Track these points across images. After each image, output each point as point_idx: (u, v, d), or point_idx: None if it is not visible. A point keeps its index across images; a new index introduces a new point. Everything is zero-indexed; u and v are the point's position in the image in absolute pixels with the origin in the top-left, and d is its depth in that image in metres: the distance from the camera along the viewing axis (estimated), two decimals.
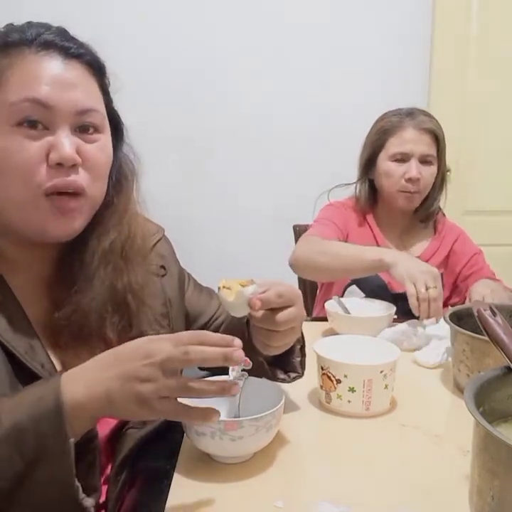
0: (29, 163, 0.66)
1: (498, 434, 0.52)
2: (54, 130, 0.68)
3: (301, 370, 0.94)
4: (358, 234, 1.60)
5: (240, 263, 2.36)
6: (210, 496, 0.72)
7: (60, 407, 0.58)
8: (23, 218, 0.70)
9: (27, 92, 0.66)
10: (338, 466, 0.81)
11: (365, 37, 2.36)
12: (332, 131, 2.39)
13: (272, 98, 2.39)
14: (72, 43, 0.71)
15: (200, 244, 2.45)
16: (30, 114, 0.66)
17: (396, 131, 1.52)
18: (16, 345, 0.66)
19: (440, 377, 1.12)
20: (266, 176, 2.45)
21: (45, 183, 0.67)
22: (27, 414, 0.58)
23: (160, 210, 0.90)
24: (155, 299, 0.85)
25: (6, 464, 0.57)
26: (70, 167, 0.68)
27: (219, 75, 2.37)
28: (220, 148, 2.43)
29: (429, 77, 2.37)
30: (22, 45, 0.68)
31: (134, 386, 0.60)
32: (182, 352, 0.61)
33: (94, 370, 0.62)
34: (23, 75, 0.66)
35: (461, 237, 1.65)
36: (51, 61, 0.68)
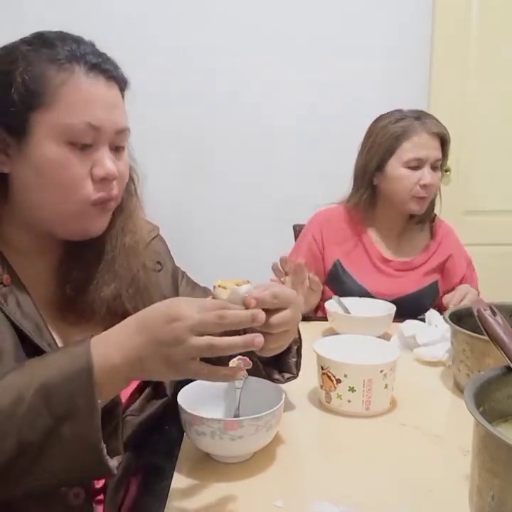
0: (75, 178, 0.71)
1: (498, 434, 0.52)
2: (97, 147, 0.73)
3: (296, 371, 0.94)
4: (343, 240, 1.60)
5: (240, 263, 2.36)
6: (210, 496, 0.72)
7: (90, 367, 0.61)
8: (68, 225, 0.75)
9: (83, 116, 0.70)
10: (338, 466, 0.81)
11: (365, 37, 2.36)
12: (332, 131, 2.39)
13: (272, 98, 2.39)
14: (110, 64, 0.75)
15: (199, 244, 2.45)
16: (84, 138, 0.71)
17: (409, 136, 1.51)
18: (25, 325, 0.69)
19: (440, 377, 1.12)
20: (266, 176, 2.45)
21: (91, 196, 0.73)
22: (58, 372, 0.61)
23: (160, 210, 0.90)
24: (153, 292, 0.87)
25: (37, 418, 0.59)
26: (111, 181, 0.74)
27: (219, 75, 2.37)
28: (220, 148, 2.43)
29: (429, 77, 2.37)
30: (73, 61, 0.70)
31: (164, 350, 0.62)
32: (217, 315, 0.63)
33: (125, 335, 0.64)
34: (77, 96, 0.70)
35: (457, 244, 1.67)
36: (99, 83, 0.72)
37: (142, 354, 0.63)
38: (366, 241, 1.61)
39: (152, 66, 2.31)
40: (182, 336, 0.62)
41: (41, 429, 0.59)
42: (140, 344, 0.63)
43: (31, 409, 0.59)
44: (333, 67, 2.37)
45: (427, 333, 1.22)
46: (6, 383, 0.61)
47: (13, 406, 0.59)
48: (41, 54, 0.70)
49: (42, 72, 0.69)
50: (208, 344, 0.62)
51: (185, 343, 0.62)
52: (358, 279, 1.57)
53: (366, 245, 1.60)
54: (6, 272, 0.72)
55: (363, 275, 1.58)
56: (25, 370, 0.63)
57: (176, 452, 0.82)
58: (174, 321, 0.62)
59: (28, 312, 0.71)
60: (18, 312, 0.70)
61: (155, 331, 0.63)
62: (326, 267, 1.60)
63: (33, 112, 0.69)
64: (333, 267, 1.59)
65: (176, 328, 0.62)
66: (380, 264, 1.59)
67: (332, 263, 1.59)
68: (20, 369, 0.63)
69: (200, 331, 0.62)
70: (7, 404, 0.59)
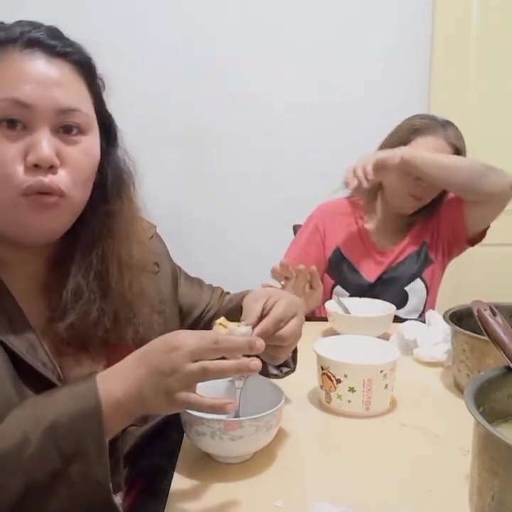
0: (6, 164, 0.65)
1: (498, 434, 0.52)
2: (33, 130, 0.66)
3: (294, 364, 0.94)
4: (342, 230, 1.63)
5: (240, 263, 2.36)
6: (210, 496, 0.72)
7: (99, 405, 0.60)
8: (2, 218, 0.69)
9: (7, 91, 0.64)
10: (338, 466, 0.81)
11: (364, 37, 2.35)
12: (332, 131, 2.39)
13: (272, 98, 2.39)
14: (60, 41, 0.69)
15: (199, 244, 2.45)
16: (8, 114, 0.65)
17: (426, 134, 1.52)
18: (17, 345, 0.66)
19: (440, 377, 1.12)
20: (266, 176, 2.45)
21: (22, 184, 0.66)
22: (66, 411, 0.59)
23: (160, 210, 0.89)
24: (151, 297, 0.84)
25: (44, 459, 0.58)
26: (48, 168, 0.66)
27: (219, 75, 2.37)
28: (220, 148, 2.43)
29: (429, 77, 2.37)
30: (7, 43, 0.66)
31: (163, 380, 0.62)
32: (212, 341, 0.63)
33: (126, 369, 0.64)
34: (6, 73, 0.65)
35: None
36: (34, 59, 0.66)
37: (142, 387, 0.62)
38: (364, 233, 1.63)
39: (152, 66, 2.31)
40: (178, 365, 0.62)
41: (49, 470, 0.58)
42: (140, 377, 0.62)
43: (39, 450, 0.58)
44: (333, 67, 2.37)
45: (427, 333, 1.22)
46: (12, 422, 0.60)
47: (20, 446, 0.58)
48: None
49: None
50: (201, 368, 0.62)
51: (181, 370, 0.62)
52: (356, 265, 1.61)
53: (363, 237, 1.63)
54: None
55: (360, 262, 1.61)
56: (30, 408, 0.61)
57: (176, 453, 0.82)
58: (173, 350, 0.62)
59: (20, 331, 0.68)
60: (10, 332, 0.66)
61: (154, 361, 0.63)
62: (327, 255, 1.63)
63: None
64: (332, 254, 1.63)
65: (174, 357, 0.62)
66: (376, 255, 1.62)
67: (332, 250, 1.63)
68: (25, 407, 0.62)
69: (196, 357, 0.62)
70: (14, 444, 0.58)
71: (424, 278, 1.60)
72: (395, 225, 1.64)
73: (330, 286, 1.61)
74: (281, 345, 0.79)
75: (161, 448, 0.84)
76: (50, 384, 0.68)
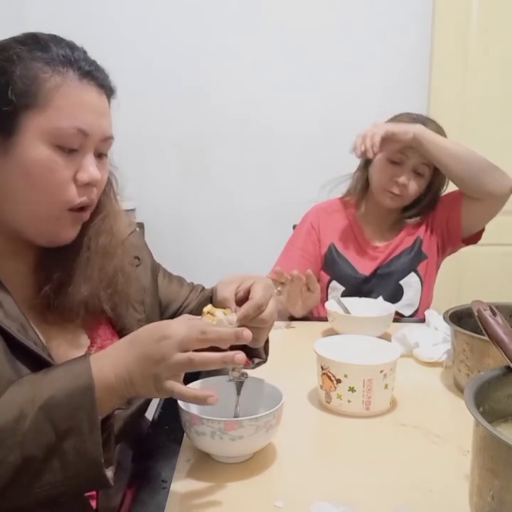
0: (60, 181, 0.71)
1: (498, 434, 0.52)
2: (83, 152, 0.73)
3: (265, 355, 0.95)
4: (336, 226, 1.66)
5: (240, 262, 2.36)
6: (210, 496, 0.72)
7: (92, 384, 0.63)
8: (40, 229, 0.74)
9: (72, 119, 0.70)
10: (338, 466, 0.81)
11: (364, 37, 2.36)
12: (331, 131, 2.39)
13: (272, 99, 2.39)
14: (101, 73, 0.75)
15: (199, 244, 2.45)
16: (72, 142, 0.71)
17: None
18: (9, 325, 0.69)
19: (440, 377, 1.12)
20: (266, 176, 2.45)
21: (72, 201, 0.73)
22: (61, 389, 0.63)
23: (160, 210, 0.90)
24: (132, 286, 0.88)
25: (40, 434, 0.61)
26: (92, 186, 0.74)
27: (219, 76, 2.37)
28: (219, 148, 2.43)
29: (429, 78, 2.37)
30: (67, 66, 0.70)
31: (152, 367, 0.65)
32: (199, 331, 0.66)
33: (117, 354, 0.67)
34: (69, 100, 0.70)
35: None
36: (90, 90, 0.72)
37: (132, 370, 0.65)
38: (357, 230, 1.65)
39: (152, 67, 2.32)
40: (168, 353, 0.65)
41: (44, 445, 0.61)
42: (131, 361, 0.66)
43: (35, 425, 0.61)
44: (333, 68, 2.37)
45: (427, 334, 1.22)
46: (9, 398, 0.63)
47: (17, 422, 0.61)
48: (35, 55, 0.69)
49: (36, 74, 0.68)
50: (187, 359, 0.65)
51: (170, 359, 0.65)
52: (352, 261, 1.62)
53: (356, 233, 1.65)
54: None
55: (354, 257, 1.63)
56: (27, 386, 0.64)
57: (175, 452, 0.82)
58: (163, 339, 0.65)
59: (10, 312, 0.70)
60: (1, 312, 0.69)
61: (145, 348, 0.66)
62: (322, 251, 1.65)
63: (24, 112, 0.68)
64: (328, 250, 1.65)
65: (164, 345, 0.65)
66: (370, 250, 1.64)
67: (327, 247, 1.65)
68: (22, 384, 0.64)
69: (184, 347, 0.65)
70: (11, 421, 0.61)
71: (418, 272, 1.61)
72: (387, 220, 1.65)
73: (326, 282, 1.63)
74: (262, 327, 0.83)
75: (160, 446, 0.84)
76: (42, 361, 0.71)
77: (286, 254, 1.67)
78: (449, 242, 1.65)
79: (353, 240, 1.65)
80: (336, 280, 1.62)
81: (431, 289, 1.67)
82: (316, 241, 1.66)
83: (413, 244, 1.62)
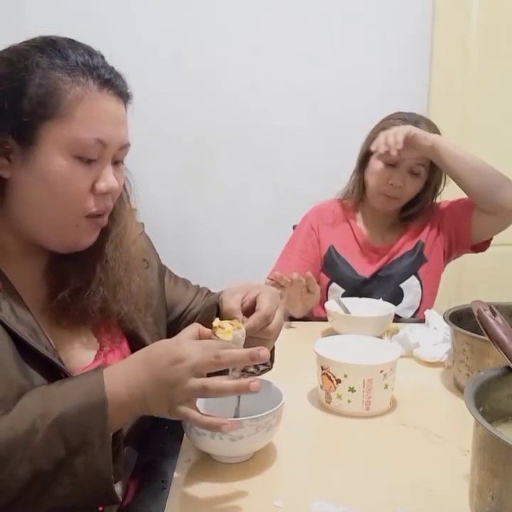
0: (79, 191, 0.72)
1: (498, 434, 0.52)
2: (102, 162, 0.73)
3: (271, 363, 0.95)
4: (336, 229, 1.65)
5: (240, 263, 2.36)
6: (210, 496, 0.72)
7: (105, 401, 0.63)
8: (58, 236, 0.75)
9: (93, 131, 0.70)
10: (338, 466, 0.81)
11: (364, 37, 2.35)
12: (332, 131, 2.39)
13: (272, 99, 2.39)
14: (120, 80, 0.75)
15: (200, 244, 2.45)
16: (92, 153, 0.71)
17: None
18: (21, 330, 0.69)
19: (440, 377, 1.12)
20: (266, 176, 2.45)
21: (90, 209, 0.74)
22: (74, 404, 0.62)
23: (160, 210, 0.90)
24: (141, 289, 0.88)
25: (51, 449, 0.61)
26: (109, 195, 0.75)
27: (220, 76, 2.37)
28: (220, 148, 2.43)
29: (429, 77, 2.36)
30: (87, 74, 0.70)
31: (167, 390, 0.65)
32: (213, 355, 0.66)
33: (131, 372, 0.66)
34: (90, 111, 0.70)
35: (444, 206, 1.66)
36: (110, 100, 0.72)
37: (146, 391, 0.65)
38: (356, 231, 1.65)
39: (154, 67, 2.32)
40: (183, 377, 0.64)
41: (54, 460, 0.61)
42: (145, 381, 0.65)
43: (46, 440, 0.61)
44: (333, 67, 2.37)
45: (427, 334, 1.22)
46: (21, 411, 0.62)
47: (28, 436, 0.60)
48: (55, 64, 0.69)
49: (56, 84, 0.68)
50: (202, 386, 0.65)
51: (184, 384, 0.64)
52: (351, 263, 1.62)
53: (356, 235, 1.65)
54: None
55: (354, 260, 1.63)
56: (39, 398, 0.64)
57: (175, 452, 0.82)
58: (178, 362, 0.65)
59: (22, 317, 0.70)
60: (13, 317, 0.69)
61: (159, 371, 0.65)
62: (322, 253, 1.65)
63: (44, 122, 0.68)
64: (327, 252, 1.64)
65: (178, 369, 0.65)
66: (369, 252, 1.63)
67: (327, 248, 1.65)
68: (34, 397, 0.64)
69: (199, 371, 0.65)
70: (22, 434, 0.61)
71: (419, 275, 1.61)
72: (386, 222, 1.65)
73: (326, 284, 1.63)
74: (268, 338, 0.83)
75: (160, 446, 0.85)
76: (53, 366, 0.71)
77: (285, 256, 1.67)
78: (456, 248, 1.65)
79: (352, 241, 1.65)
80: (335, 282, 1.62)
81: (433, 292, 1.67)
82: (315, 242, 1.66)
83: (414, 248, 1.62)
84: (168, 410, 0.66)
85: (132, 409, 0.66)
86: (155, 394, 0.65)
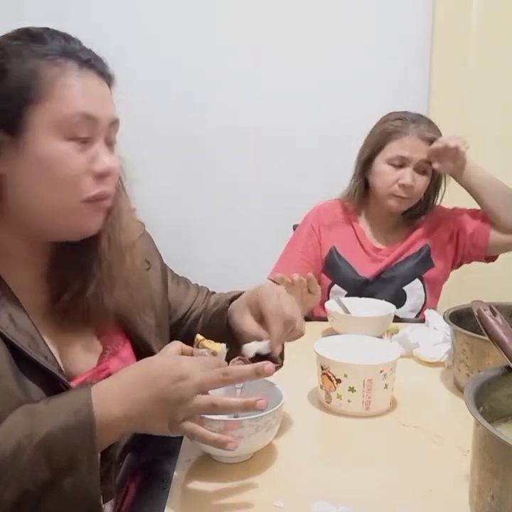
0: (76, 174, 0.70)
1: (498, 434, 0.52)
2: (94, 141, 0.71)
3: (281, 360, 0.95)
4: (338, 229, 1.65)
5: (240, 263, 2.36)
6: (210, 496, 0.72)
7: (92, 422, 0.61)
8: (59, 223, 0.72)
9: (78, 107, 0.68)
10: (338, 466, 0.81)
11: (364, 37, 2.35)
12: (332, 131, 2.39)
13: (272, 99, 2.39)
14: (99, 61, 0.74)
15: (199, 244, 2.45)
16: (82, 131, 0.69)
17: (398, 136, 1.53)
18: (19, 339, 0.67)
19: (440, 377, 1.12)
20: (266, 176, 2.45)
21: (89, 193, 0.71)
22: (60, 424, 0.61)
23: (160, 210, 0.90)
24: (144, 290, 0.88)
25: (37, 470, 0.59)
26: (108, 176, 0.73)
27: (220, 77, 2.37)
28: (220, 148, 2.43)
29: (429, 78, 2.36)
30: (65, 57, 0.69)
31: (169, 408, 0.64)
32: (221, 372, 0.66)
33: (126, 389, 0.65)
34: (70, 89, 0.69)
35: (454, 212, 1.67)
36: (92, 79, 0.71)
37: (145, 411, 0.64)
38: (359, 232, 1.65)
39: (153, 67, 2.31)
40: (186, 395, 0.64)
41: (41, 482, 0.59)
42: (144, 401, 0.64)
43: (32, 461, 0.59)
44: (332, 68, 2.37)
45: (427, 334, 1.22)
46: (7, 430, 0.61)
47: (14, 457, 0.59)
48: (32, 49, 0.68)
49: (34, 68, 0.67)
50: (209, 404, 0.65)
51: (188, 402, 0.64)
52: (353, 264, 1.61)
53: (358, 236, 1.64)
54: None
55: (356, 261, 1.62)
56: (26, 417, 0.62)
57: (175, 452, 0.82)
58: (180, 380, 0.64)
59: (21, 325, 0.68)
60: (11, 326, 0.67)
61: (160, 390, 0.64)
62: (323, 254, 1.64)
63: (27, 107, 0.66)
64: (329, 254, 1.64)
65: (182, 387, 0.64)
66: (372, 252, 1.63)
67: (328, 250, 1.64)
68: (21, 415, 0.62)
69: (204, 389, 0.65)
70: (9, 455, 0.59)
71: (423, 279, 1.60)
72: (389, 223, 1.65)
73: (327, 286, 1.62)
74: (295, 333, 0.87)
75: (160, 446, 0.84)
76: (51, 376, 0.69)
77: (286, 256, 1.66)
78: (467, 259, 1.66)
79: (354, 242, 1.64)
80: (337, 284, 1.61)
81: (436, 296, 1.66)
82: (316, 243, 1.65)
83: (419, 251, 1.61)
84: (170, 428, 0.65)
85: (123, 427, 0.65)
86: (155, 414, 0.64)
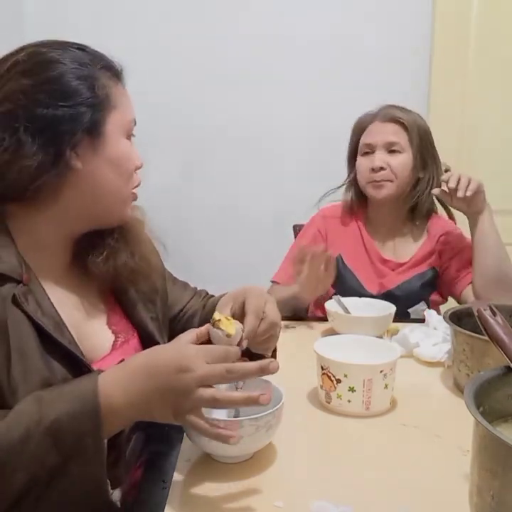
0: (135, 167, 0.84)
1: (498, 434, 0.52)
2: (130, 139, 0.85)
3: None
4: (345, 237, 1.63)
5: (240, 263, 2.36)
6: (210, 496, 0.72)
7: (98, 408, 0.63)
8: (118, 212, 0.83)
9: (131, 113, 0.84)
10: (338, 466, 0.81)
11: (364, 37, 2.35)
12: (332, 131, 2.38)
13: (272, 99, 2.39)
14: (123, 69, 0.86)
15: (199, 244, 2.45)
16: (132, 132, 0.85)
17: (365, 128, 1.56)
18: (46, 323, 0.71)
19: (440, 377, 1.12)
20: (266, 177, 2.45)
21: (134, 183, 0.85)
22: (67, 411, 0.63)
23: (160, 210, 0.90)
24: (151, 276, 0.92)
25: (45, 456, 0.61)
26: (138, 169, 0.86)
27: (219, 76, 2.37)
28: (220, 148, 2.43)
29: (429, 78, 2.36)
30: (106, 69, 0.80)
31: (172, 398, 0.65)
32: (225, 369, 0.66)
33: (131, 379, 0.67)
34: (124, 98, 0.83)
35: (449, 232, 1.62)
36: (122, 85, 0.84)
37: (150, 399, 0.66)
38: (366, 240, 1.62)
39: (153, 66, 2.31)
40: (190, 387, 0.65)
41: (49, 467, 0.61)
42: (149, 390, 0.66)
43: (40, 447, 0.61)
44: (333, 67, 2.37)
45: (427, 334, 1.22)
46: (15, 417, 0.63)
47: (23, 442, 0.61)
48: (98, 66, 0.79)
49: (105, 82, 0.78)
50: (212, 397, 0.65)
51: (192, 393, 0.65)
52: (358, 275, 1.59)
53: (366, 244, 1.61)
54: (24, 271, 0.73)
55: (362, 272, 1.59)
56: (34, 404, 0.64)
57: (176, 452, 0.82)
58: (185, 371, 0.65)
59: (47, 311, 0.73)
60: (39, 311, 0.71)
61: (165, 379, 0.66)
62: None
63: (109, 113, 0.78)
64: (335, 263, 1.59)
65: (186, 378, 0.65)
66: (379, 265, 1.60)
67: (334, 258, 1.60)
68: (30, 402, 0.64)
69: (207, 382, 0.66)
70: (17, 440, 0.61)
71: (428, 302, 1.57)
72: (388, 223, 1.61)
73: (330, 296, 1.55)
74: (272, 332, 0.87)
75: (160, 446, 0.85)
76: (75, 359, 0.73)
77: (292, 256, 1.62)
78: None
79: (362, 250, 1.60)
80: (341, 295, 1.53)
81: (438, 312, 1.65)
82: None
83: (426, 272, 1.57)
84: (174, 417, 0.66)
85: (130, 415, 0.66)
86: (161, 403, 0.66)
